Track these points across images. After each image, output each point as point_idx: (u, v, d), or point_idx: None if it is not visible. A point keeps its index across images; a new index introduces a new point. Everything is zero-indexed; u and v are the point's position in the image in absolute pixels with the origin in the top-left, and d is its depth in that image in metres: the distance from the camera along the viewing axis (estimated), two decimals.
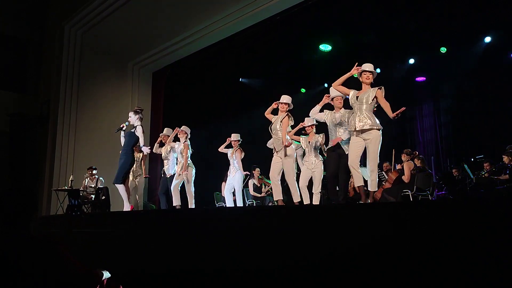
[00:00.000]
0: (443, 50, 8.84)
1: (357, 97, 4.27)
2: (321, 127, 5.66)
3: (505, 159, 6.64)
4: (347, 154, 4.51)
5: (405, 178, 5.86)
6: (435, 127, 9.92)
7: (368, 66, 4.34)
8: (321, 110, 5.07)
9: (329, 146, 4.94)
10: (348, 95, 4.40)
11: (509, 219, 2.14)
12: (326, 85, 10.05)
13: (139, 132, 5.54)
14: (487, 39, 8.47)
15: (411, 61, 9.59)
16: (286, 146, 5.00)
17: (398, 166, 6.46)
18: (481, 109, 9.17)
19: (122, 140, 5.75)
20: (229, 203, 6.44)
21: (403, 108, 4.02)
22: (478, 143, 8.89)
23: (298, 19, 7.91)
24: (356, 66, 4.36)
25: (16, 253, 1.62)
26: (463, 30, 8.20)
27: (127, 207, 5.67)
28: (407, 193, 5.65)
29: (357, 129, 4.15)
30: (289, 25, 8.13)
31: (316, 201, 5.35)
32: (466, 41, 8.65)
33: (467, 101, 9.43)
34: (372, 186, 4.23)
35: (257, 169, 8.24)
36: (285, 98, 5.20)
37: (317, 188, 5.34)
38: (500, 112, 8.81)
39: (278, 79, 10.58)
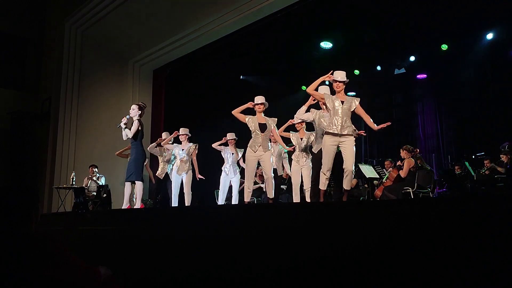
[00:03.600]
0: (445, 47, 8.81)
1: (342, 101, 4.39)
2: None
3: (504, 158, 6.65)
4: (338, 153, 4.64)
5: (402, 173, 5.88)
6: (436, 125, 9.90)
7: (340, 76, 4.45)
8: (308, 110, 5.08)
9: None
10: (323, 98, 4.52)
11: (510, 217, 2.14)
12: (327, 82, 10.03)
13: (134, 125, 5.63)
14: (489, 36, 8.42)
15: (412, 58, 9.56)
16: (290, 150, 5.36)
17: (399, 163, 6.46)
18: (483, 106, 9.16)
19: (124, 134, 5.78)
20: (222, 200, 6.46)
21: (388, 123, 4.35)
22: (479, 140, 8.88)
23: (298, 16, 7.89)
24: (330, 74, 4.48)
25: (16, 250, 1.62)
26: (465, 27, 8.17)
27: (127, 204, 5.78)
28: (408, 190, 5.66)
29: (343, 133, 4.27)
30: (290, 22, 8.11)
31: (308, 197, 5.41)
32: (468, 38, 8.62)
33: (468, 99, 9.42)
34: (346, 185, 4.35)
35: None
36: (260, 99, 5.19)
37: (307, 184, 5.42)
38: (501, 109, 8.79)
39: (278, 76, 10.57)
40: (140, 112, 5.75)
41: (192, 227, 3.75)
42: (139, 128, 5.66)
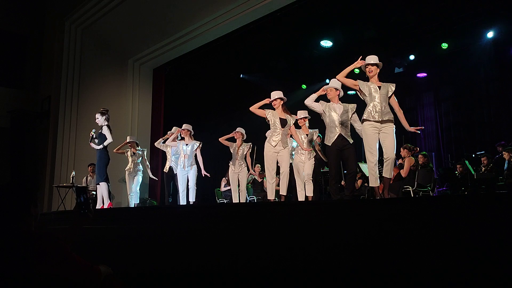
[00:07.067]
0: (445, 46, 8.79)
1: (379, 87, 4.14)
2: (314, 121, 5.70)
3: (506, 155, 6.65)
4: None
5: (403, 172, 5.88)
6: (436, 123, 9.90)
7: (372, 59, 4.23)
8: (317, 101, 4.93)
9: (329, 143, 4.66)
10: (356, 85, 4.23)
11: (510, 216, 2.14)
12: (327, 80, 10.01)
13: (105, 131, 6.00)
14: (490, 34, 8.40)
15: (412, 57, 9.54)
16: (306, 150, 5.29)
17: (399, 161, 6.46)
18: (483, 105, 9.15)
19: (94, 146, 6.15)
20: (236, 197, 6.47)
21: (422, 127, 4.31)
22: (479, 139, 8.89)
23: (298, 15, 7.87)
24: (360, 60, 4.26)
25: (16, 249, 1.62)
26: (466, 25, 8.15)
27: (101, 204, 6.15)
28: (408, 189, 5.66)
29: (383, 119, 4.02)
30: (290, 21, 8.09)
31: (309, 191, 5.47)
32: (468, 37, 8.59)
33: (468, 97, 9.41)
34: (387, 173, 4.09)
35: (258, 165, 8.26)
36: (277, 94, 5.09)
37: (308, 177, 5.45)
38: (502, 108, 8.79)
39: (279, 75, 10.55)
40: (105, 117, 6.09)
41: (192, 225, 3.75)
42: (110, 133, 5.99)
